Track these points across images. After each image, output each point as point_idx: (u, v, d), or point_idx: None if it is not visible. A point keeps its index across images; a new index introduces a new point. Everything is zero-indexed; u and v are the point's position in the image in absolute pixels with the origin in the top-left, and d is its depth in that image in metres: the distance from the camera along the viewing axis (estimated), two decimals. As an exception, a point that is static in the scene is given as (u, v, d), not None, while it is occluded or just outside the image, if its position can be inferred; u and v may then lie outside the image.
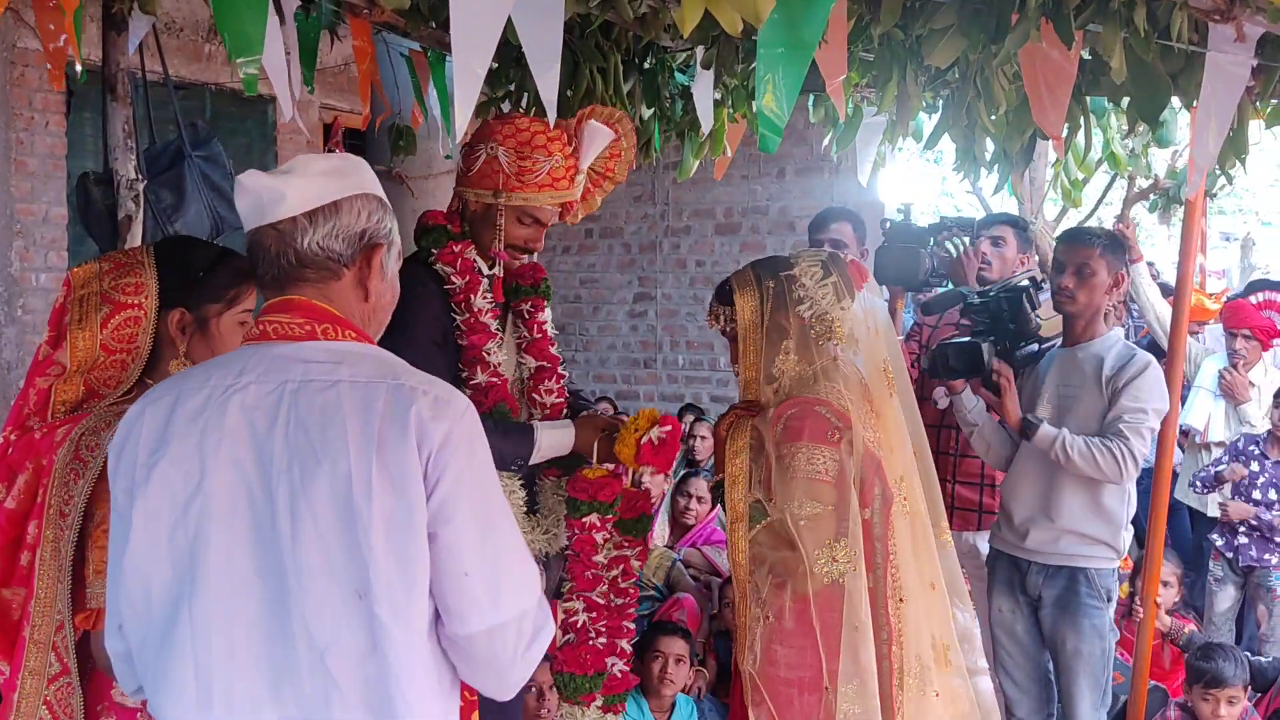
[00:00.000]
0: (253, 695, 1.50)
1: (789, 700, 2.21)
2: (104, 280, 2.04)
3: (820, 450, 2.23)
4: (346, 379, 1.52)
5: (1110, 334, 3.44)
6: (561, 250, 8.71)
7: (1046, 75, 2.02)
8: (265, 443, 1.50)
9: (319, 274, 1.60)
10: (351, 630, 1.48)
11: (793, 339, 2.34)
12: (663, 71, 3.72)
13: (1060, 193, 4.83)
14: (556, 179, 2.49)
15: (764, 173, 7.93)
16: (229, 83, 5.87)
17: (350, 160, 1.67)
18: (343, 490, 1.47)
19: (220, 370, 1.58)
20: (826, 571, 2.19)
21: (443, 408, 1.52)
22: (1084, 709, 3.44)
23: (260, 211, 1.58)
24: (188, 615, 1.51)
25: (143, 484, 1.54)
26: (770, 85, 1.81)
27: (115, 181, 2.95)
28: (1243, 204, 19.39)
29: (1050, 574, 3.42)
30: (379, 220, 1.64)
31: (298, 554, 1.48)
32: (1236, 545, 4.88)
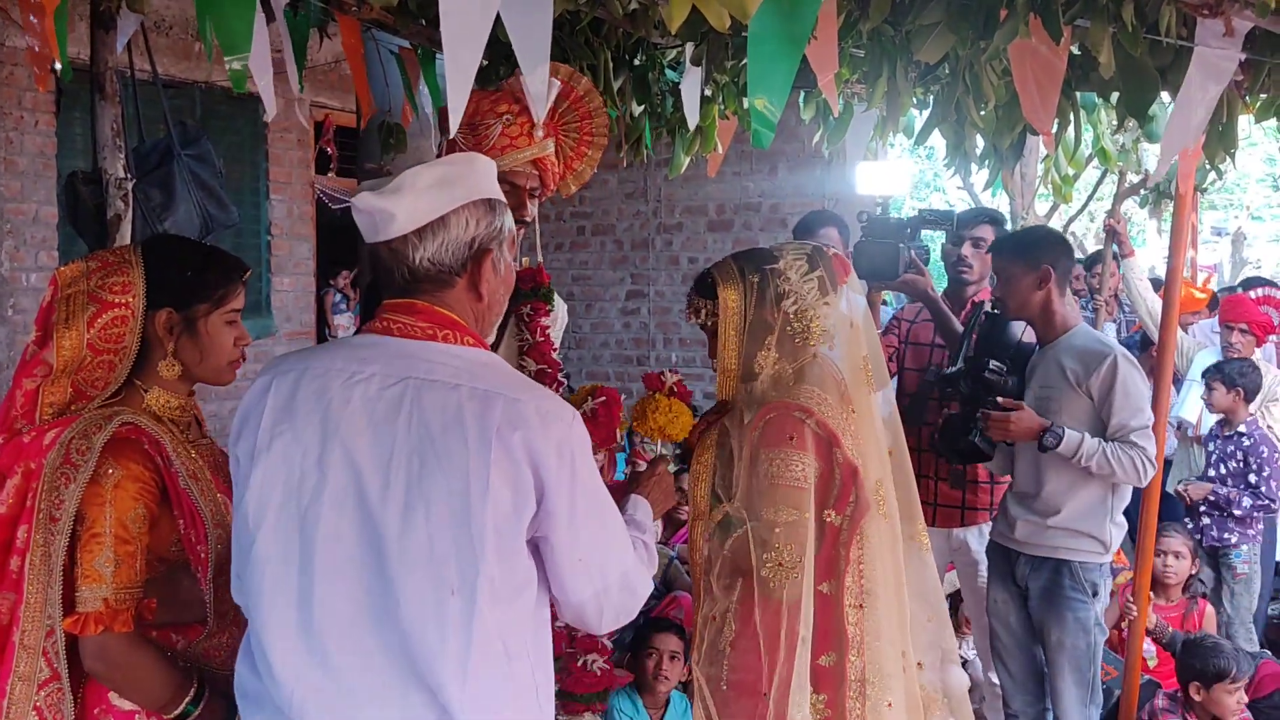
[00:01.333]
0: (355, 660, 1.60)
1: (726, 701, 2.19)
2: (91, 279, 2.03)
3: (799, 456, 2.21)
4: (467, 384, 1.62)
5: (1074, 330, 3.46)
6: (554, 247, 8.70)
7: (1036, 71, 2.02)
8: (384, 433, 1.60)
9: (434, 285, 1.70)
10: (439, 623, 1.57)
11: (775, 335, 2.30)
12: (653, 68, 3.71)
13: (1051, 188, 4.84)
14: (514, 138, 2.44)
15: (756, 169, 7.93)
16: (220, 81, 5.85)
17: (459, 164, 1.74)
18: (459, 489, 1.57)
19: (345, 355, 1.69)
20: (772, 578, 2.17)
21: (553, 422, 1.63)
22: (1069, 703, 3.46)
23: (375, 230, 1.68)
24: (294, 584, 1.62)
25: (265, 450, 1.65)
26: (762, 81, 1.80)
27: (104, 180, 2.93)
28: (1234, 199, 19.46)
29: (1036, 565, 3.45)
30: (488, 225, 1.73)
31: (404, 543, 1.58)
32: (1201, 527, 4.99)
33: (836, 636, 2.25)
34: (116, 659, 1.91)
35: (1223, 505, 4.91)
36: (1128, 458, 3.24)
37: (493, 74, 3.42)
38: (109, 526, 1.90)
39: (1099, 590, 3.44)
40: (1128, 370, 3.31)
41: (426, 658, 1.57)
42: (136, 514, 1.93)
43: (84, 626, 1.88)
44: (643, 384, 2.45)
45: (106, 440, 1.93)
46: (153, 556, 1.97)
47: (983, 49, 2.29)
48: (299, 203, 6.93)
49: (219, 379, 2.12)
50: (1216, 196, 17.77)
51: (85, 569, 1.89)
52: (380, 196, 1.65)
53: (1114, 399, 3.28)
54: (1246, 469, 4.90)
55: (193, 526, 1.99)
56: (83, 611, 1.88)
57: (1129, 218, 5.98)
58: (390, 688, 1.59)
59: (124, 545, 1.90)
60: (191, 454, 2.05)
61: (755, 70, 1.76)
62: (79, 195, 2.98)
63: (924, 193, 20.26)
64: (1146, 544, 3.91)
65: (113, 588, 1.89)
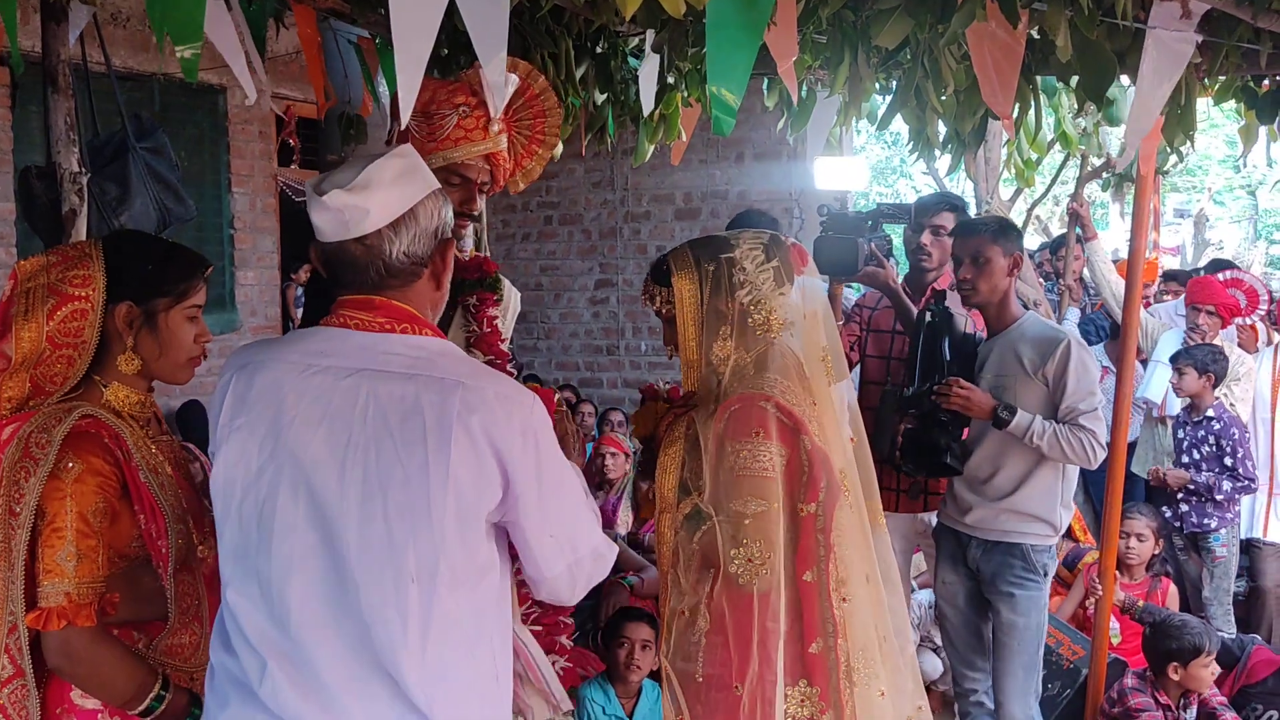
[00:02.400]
0: (320, 650, 1.62)
1: (698, 696, 2.19)
2: (51, 273, 2.02)
3: (765, 446, 2.19)
4: (425, 373, 1.63)
5: (1025, 317, 3.50)
6: (521, 238, 8.67)
7: (994, 55, 2.02)
8: (340, 424, 1.61)
9: (403, 280, 1.71)
10: (399, 611, 1.58)
11: (732, 325, 2.28)
12: (615, 56, 3.69)
13: (1014, 173, 4.87)
14: (469, 130, 2.41)
15: (723, 157, 7.93)
16: (178, 73, 5.78)
17: (410, 155, 1.74)
18: (418, 479, 1.58)
19: (301, 347, 1.69)
20: (741, 573, 2.16)
21: (514, 406, 1.65)
22: (1014, 684, 3.49)
23: (344, 228, 1.67)
24: (256, 575, 1.64)
25: (224, 444, 1.67)
26: (721, 68, 1.80)
27: (58, 175, 2.88)
28: (1196, 181, 19.65)
29: (988, 548, 3.48)
30: (445, 212, 1.75)
31: (363, 533, 1.59)
32: (1180, 514, 5.03)
33: (823, 623, 2.24)
34: (80, 654, 1.90)
35: (1203, 492, 4.92)
36: (1078, 440, 3.28)
37: (453, 64, 3.39)
38: (70, 520, 1.88)
39: (1049, 571, 3.49)
40: (1080, 355, 3.35)
41: (387, 646, 1.58)
42: (97, 508, 1.92)
43: (47, 621, 1.86)
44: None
45: (66, 433, 1.91)
46: (114, 553, 1.95)
47: (941, 33, 2.29)
48: (262, 196, 6.86)
49: (177, 376, 2.11)
50: (1179, 179, 17.94)
51: (47, 563, 1.87)
52: (352, 193, 1.64)
53: (1066, 382, 3.32)
54: (1221, 452, 4.93)
55: (153, 521, 1.98)
56: (45, 606, 1.87)
57: (1092, 201, 6.02)
58: (355, 677, 1.60)
59: (85, 539, 1.89)
60: (152, 449, 2.04)
61: (714, 57, 1.75)
62: (33, 191, 2.93)
63: (891, 179, 20.33)
64: (1112, 525, 3.96)
65: (75, 582, 1.88)
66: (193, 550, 2.05)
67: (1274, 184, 18.96)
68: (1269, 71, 3.14)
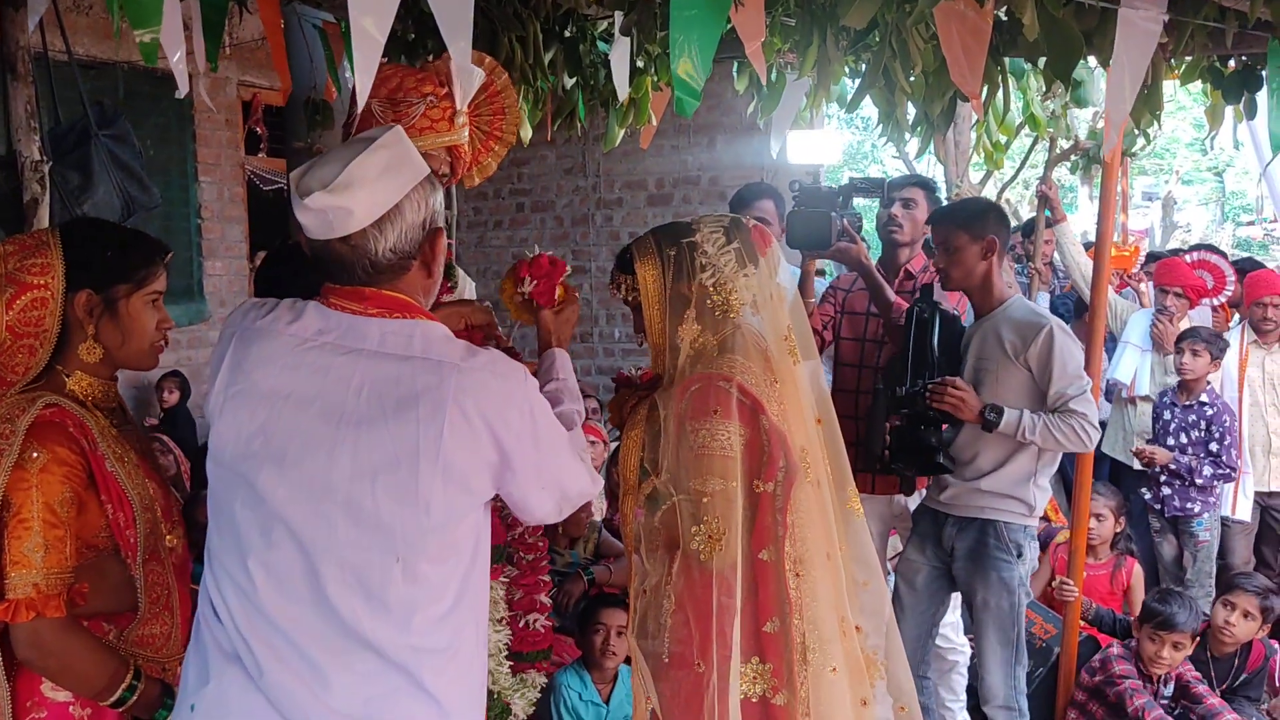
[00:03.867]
0: (304, 626, 1.62)
1: (664, 675, 2.20)
2: (8, 262, 2.00)
3: (725, 425, 2.21)
4: (420, 356, 1.64)
5: (1010, 302, 3.50)
6: (494, 225, 8.64)
7: (962, 34, 2.02)
8: (334, 401, 1.61)
9: (392, 275, 1.70)
10: (382, 585, 1.60)
11: (694, 308, 2.30)
12: (584, 40, 3.66)
13: (983, 156, 4.88)
14: (435, 120, 2.39)
15: (694, 143, 7.92)
16: (142, 61, 5.71)
17: (394, 145, 1.70)
18: (408, 459, 1.59)
19: (299, 322, 1.68)
20: (702, 549, 2.17)
21: (509, 381, 1.68)
22: (994, 663, 3.52)
23: (329, 228, 1.65)
24: (239, 545, 1.65)
25: (220, 410, 1.67)
26: (685, 49, 1.79)
27: (19, 164, 2.85)
28: (1163, 164, 19.82)
29: (963, 526, 3.50)
30: (434, 201, 1.73)
31: (350, 510, 1.60)
32: (1162, 497, 5.04)
33: (779, 602, 2.26)
34: (50, 645, 1.88)
35: (1184, 475, 4.93)
36: (1069, 426, 3.28)
37: (419, 48, 3.36)
38: (36, 511, 1.86)
39: (1024, 552, 3.49)
40: (1063, 340, 3.36)
41: (369, 620, 1.60)
42: (64, 497, 1.90)
43: (15, 613, 1.85)
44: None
45: (31, 423, 1.89)
46: (81, 543, 1.93)
47: (909, 13, 2.29)
48: (229, 184, 6.80)
49: (141, 363, 2.09)
50: (1146, 162, 18.09)
51: (14, 555, 1.85)
52: (334, 194, 1.61)
53: (1052, 369, 3.32)
54: (1209, 438, 4.93)
55: (120, 510, 1.96)
56: (13, 598, 1.85)
57: (1061, 185, 6.06)
58: (340, 650, 1.61)
59: (52, 530, 1.87)
60: (118, 438, 2.02)
61: (678, 37, 1.74)
62: (-8, 180, 2.89)
63: (862, 164, 20.38)
64: (1082, 504, 3.98)
65: (43, 572, 1.86)
66: (161, 540, 2.03)
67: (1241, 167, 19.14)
68: (1235, 51, 3.15)
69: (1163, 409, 5.13)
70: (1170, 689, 3.90)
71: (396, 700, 1.62)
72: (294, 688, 1.61)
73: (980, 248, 3.41)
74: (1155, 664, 3.87)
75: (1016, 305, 3.49)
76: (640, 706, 2.24)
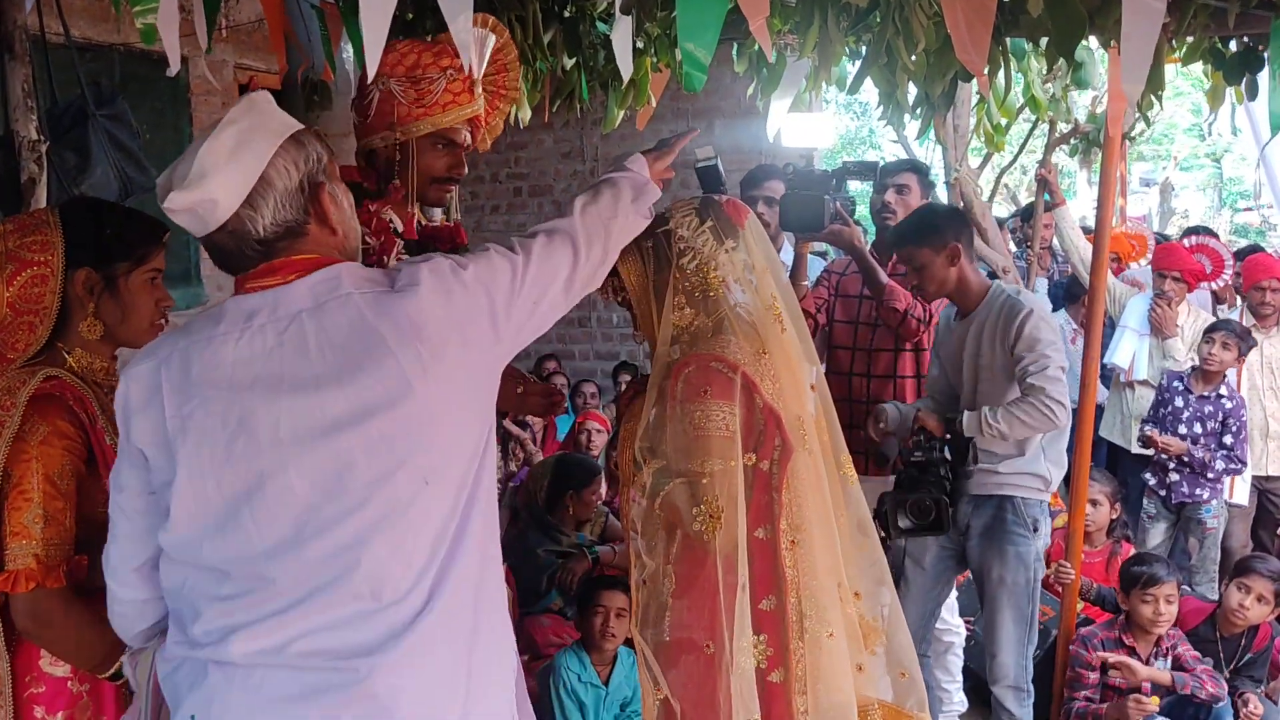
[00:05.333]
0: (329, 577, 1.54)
1: (670, 660, 2.21)
2: (8, 240, 2.02)
3: (721, 406, 2.21)
4: (355, 290, 1.58)
5: (990, 294, 3.50)
6: (491, 209, 8.62)
7: (966, 10, 2.01)
8: (301, 370, 1.54)
9: (289, 242, 1.62)
10: (416, 514, 1.56)
11: (681, 294, 2.31)
12: (584, 20, 3.64)
13: (983, 138, 4.87)
14: (456, 94, 2.39)
15: (692, 126, 7.89)
16: (138, 43, 5.68)
17: (242, 117, 1.61)
18: (397, 388, 1.53)
19: (226, 319, 1.60)
20: (704, 530, 2.17)
21: (439, 264, 1.63)
22: (1006, 640, 3.52)
23: (203, 223, 1.58)
24: (249, 516, 1.55)
25: (180, 435, 1.56)
26: (692, 25, 1.78)
27: (16, 144, 2.84)
28: (1161, 149, 19.81)
29: (979, 504, 3.50)
30: (306, 160, 1.64)
31: (370, 462, 1.53)
32: (1169, 483, 5.01)
33: (775, 580, 2.27)
34: (49, 616, 1.90)
35: (1196, 467, 4.90)
36: (1030, 405, 3.24)
37: (418, 27, 3.35)
38: (37, 483, 1.88)
39: (1039, 526, 3.50)
40: (1036, 322, 3.35)
41: (418, 556, 1.56)
42: (64, 470, 1.91)
43: (15, 584, 1.86)
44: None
45: (31, 395, 1.91)
46: (81, 518, 1.94)
47: (912, -10, 2.28)
48: (227, 168, 6.76)
49: (141, 340, 2.10)
50: (1145, 147, 18.08)
51: (14, 526, 1.87)
52: (190, 189, 1.53)
53: (1020, 347, 3.32)
54: (1224, 430, 4.90)
55: (120, 484, 1.96)
56: (13, 569, 1.86)
57: (1060, 168, 6.05)
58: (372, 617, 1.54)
59: (53, 501, 1.89)
60: (117, 413, 2.02)
61: (685, 14, 1.73)
62: (-10, 160, 2.88)
63: (859, 150, 20.36)
64: (1080, 491, 3.98)
65: (43, 543, 1.87)
66: (162, 515, 2.04)
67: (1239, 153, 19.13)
68: (1237, 32, 3.14)
69: (1173, 395, 5.06)
70: (1168, 664, 3.91)
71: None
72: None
73: (945, 257, 3.41)
74: (1156, 623, 3.87)
75: (996, 295, 3.49)
76: (649, 698, 2.24)
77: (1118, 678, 3.89)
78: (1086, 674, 3.94)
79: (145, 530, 1.63)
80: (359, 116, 2.46)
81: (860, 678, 2.36)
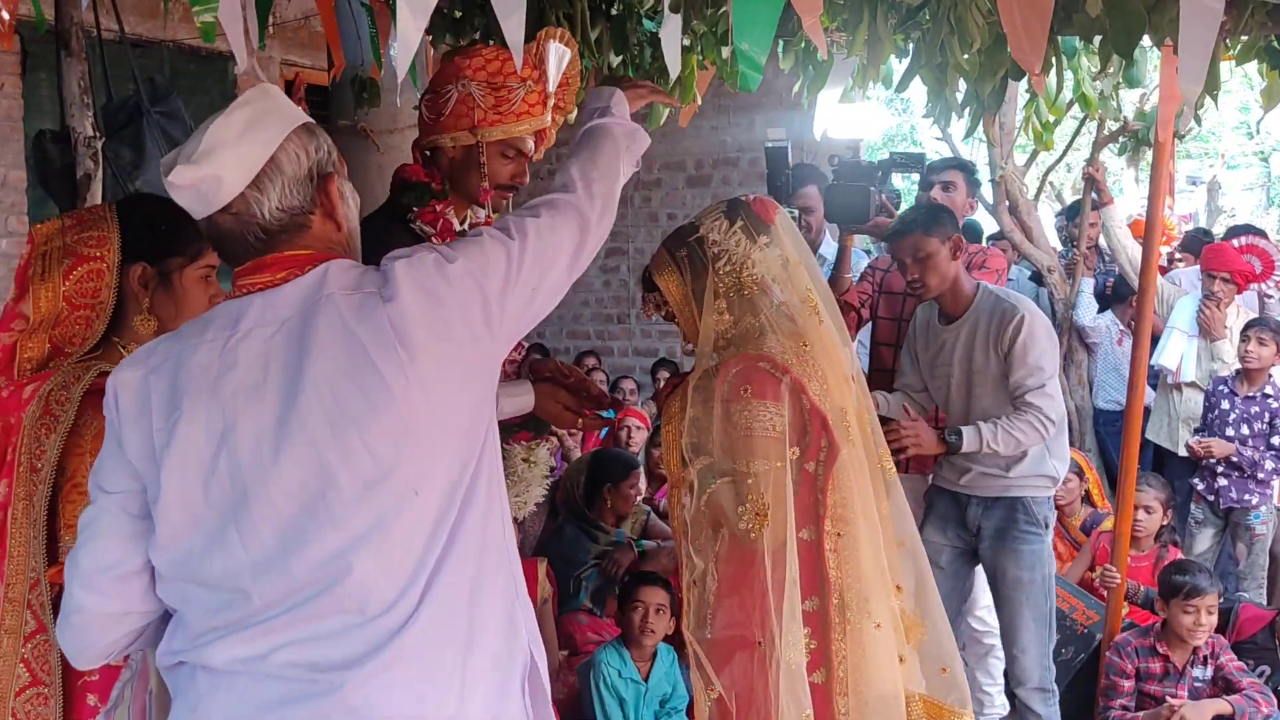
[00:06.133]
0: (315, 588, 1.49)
1: (721, 657, 2.22)
2: (67, 235, 2.03)
3: (767, 406, 2.23)
4: (337, 291, 1.52)
5: (979, 296, 3.47)
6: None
7: (1023, 9, 1.99)
8: (286, 378, 1.49)
9: (291, 234, 1.57)
10: (410, 529, 1.49)
11: (720, 298, 2.34)
12: (630, 18, 3.65)
13: (1031, 135, 4.82)
14: (531, 105, 2.42)
15: (734, 123, 7.88)
16: (186, 39, 5.75)
17: (256, 100, 1.58)
18: (382, 397, 1.47)
19: (214, 327, 1.56)
20: (751, 528, 2.19)
21: (423, 255, 1.55)
22: (1029, 640, 3.49)
23: (206, 201, 1.53)
24: (235, 532, 1.50)
25: (165, 448, 1.51)
26: (746, 25, 1.77)
27: (73, 139, 2.88)
28: (1208, 147, 19.51)
29: (989, 505, 3.50)
30: (317, 149, 1.59)
31: (351, 471, 1.47)
32: (1217, 488, 4.94)
33: (818, 581, 2.28)
34: None
35: (1246, 468, 4.82)
36: (1024, 423, 3.25)
37: (466, 26, 3.36)
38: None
39: (1049, 522, 3.52)
40: (1032, 329, 3.32)
41: (406, 566, 1.50)
42: None
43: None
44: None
45: (85, 390, 1.92)
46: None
47: (967, -11, 2.26)
48: (272, 163, 6.82)
49: None
50: (1192, 145, 17.81)
51: (67, 519, 1.88)
52: (196, 164, 1.50)
53: (1013, 357, 3.31)
54: (1273, 430, 4.83)
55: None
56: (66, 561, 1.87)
57: (1107, 167, 5.98)
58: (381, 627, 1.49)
59: None
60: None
61: (740, 13, 1.73)
62: (48, 155, 2.93)
63: (902, 146, 20.22)
64: (1127, 493, 3.95)
65: None
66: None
67: (1288, 151, 18.81)
68: (1295, 30, 3.08)
69: (1220, 398, 4.99)
70: (1209, 672, 3.86)
71: None
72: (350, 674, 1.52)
73: (949, 248, 3.40)
74: (1195, 634, 3.82)
75: (985, 296, 3.47)
76: (701, 697, 2.25)
77: (1154, 686, 3.84)
78: (1121, 682, 3.89)
79: (131, 535, 1.58)
80: (430, 113, 2.46)
81: (902, 670, 2.36)
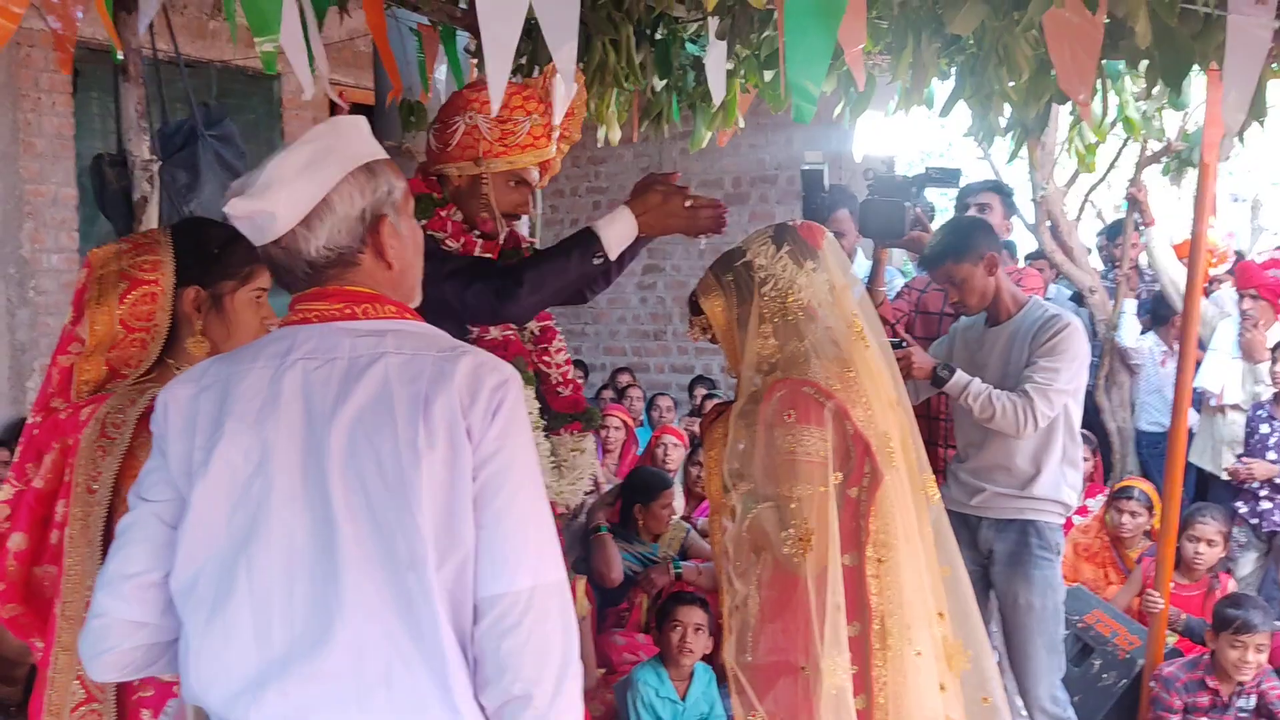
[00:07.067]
0: (310, 637, 1.49)
1: (765, 683, 2.21)
2: (123, 259, 2.08)
3: (811, 431, 2.23)
4: (392, 351, 1.54)
5: (1029, 305, 3.48)
6: (570, 223, 8.69)
7: (1071, 40, 1.99)
8: (320, 417, 1.51)
9: (338, 269, 1.60)
10: (396, 604, 1.48)
11: (766, 323, 2.35)
12: (674, 43, 3.68)
13: (1075, 158, 4.80)
14: (537, 138, 2.49)
15: (772, 141, 7.89)
16: (234, 60, 5.85)
17: (323, 137, 1.61)
18: (391, 466, 1.48)
19: (267, 352, 1.59)
20: (794, 554, 2.19)
21: (487, 374, 1.54)
22: (1039, 667, 3.45)
23: (261, 233, 1.58)
24: (245, 578, 1.51)
25: (202, 467, 1.54)
26: (799, 56, 1.79)
27: (129, 162, 2.94)
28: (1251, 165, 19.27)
29: (1001, 528, 3.47)
30: (374, 191, 1.61)
31: (354, 526, 1.48)
32: (1260, 511, 4.88)
33: (859, 607, 2.28)
34: None
35: None
36: (1011, 403, 3.24)
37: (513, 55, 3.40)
38: None
39: (1060, 549, 3.50)
40: (1070, 338, 3.32)
41: (387, 638, 1.48)
42: None
43: None
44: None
45: (141, 413, 1.95)
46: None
47: (1016, 20, 2.27)
48: (317, 181, 6.91)
49: None
50: (1234, 163, 17.61)
51: None
52: (252, 198, 1.54)
53: (1040, 351, 3.31)
54: None
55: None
56: None
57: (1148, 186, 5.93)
58: (350, 694, 1.48)
59: None
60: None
61: (793, 47, 1.74)
62: (105, 178, 2.99)
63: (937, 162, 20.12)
64: (1170, 515, 3.90)
65: None
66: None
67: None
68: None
69: (1260, 421, 4.96)
70: (1253, 701, 3.81)
71: None
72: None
73: (983, 268, 3.40)
74: (1240, 670, 3.77)
75: (1036, 306, 3.48)
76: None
77: (1200, 718, 3.80)
78: (1169, 716, 3.85)
79: (163, 544, 1.59)
80: (437, 143, 2.55)
81: (943, 698, 2.35)
